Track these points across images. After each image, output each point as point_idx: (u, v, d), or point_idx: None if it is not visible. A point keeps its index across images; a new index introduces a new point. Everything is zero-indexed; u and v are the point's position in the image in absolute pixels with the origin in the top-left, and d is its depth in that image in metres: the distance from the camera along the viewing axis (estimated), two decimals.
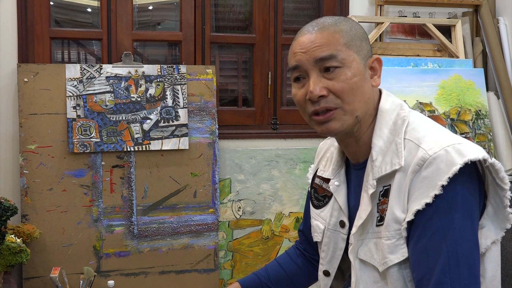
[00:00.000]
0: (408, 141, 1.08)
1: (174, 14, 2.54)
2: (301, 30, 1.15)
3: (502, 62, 2.61)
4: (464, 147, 1.02)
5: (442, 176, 0.99)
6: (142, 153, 2.26)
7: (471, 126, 2.47)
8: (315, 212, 1.31)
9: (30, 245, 2.08)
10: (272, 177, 2.49)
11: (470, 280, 0.98)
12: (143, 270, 2.26)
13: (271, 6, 2.54)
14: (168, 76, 2.29)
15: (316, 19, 1.16)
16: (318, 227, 1.29)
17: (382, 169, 1.08)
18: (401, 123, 1.11)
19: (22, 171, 2.13)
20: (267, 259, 2.48)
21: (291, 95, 1.18)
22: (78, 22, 2.46)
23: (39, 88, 2.15)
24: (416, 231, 1.02)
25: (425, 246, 1.01)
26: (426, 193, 1.00)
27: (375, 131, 1.13)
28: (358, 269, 1.13)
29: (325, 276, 1.27)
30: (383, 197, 1.09)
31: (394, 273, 1.06)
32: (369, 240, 1.12)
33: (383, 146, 1.11)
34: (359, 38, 1.12)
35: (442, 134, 1.07)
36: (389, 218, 1.06)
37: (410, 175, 1.03)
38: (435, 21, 2.61)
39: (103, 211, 2.21)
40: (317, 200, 1.31)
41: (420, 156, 1.03)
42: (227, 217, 2.43)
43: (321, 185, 1.30)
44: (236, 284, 1.38)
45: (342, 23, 1.12)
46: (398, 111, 1.13)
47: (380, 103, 1.15)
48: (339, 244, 1.23)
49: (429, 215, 1.01)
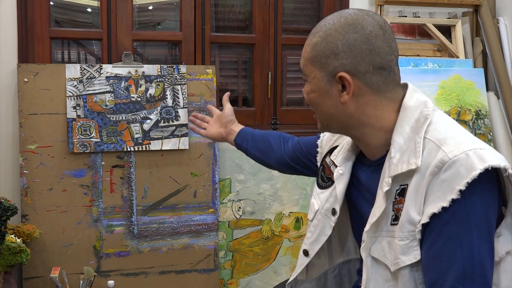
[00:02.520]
0: (428, 141, 1.05)
1: (174, 14, 2.54)
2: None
3: (502, 62, 2.61)
4: (486, 153, 0.99)
5: (461, 180, 0.97)
6: (142, 153, 2.26)
7: (471, 126, 2.47)
8: (316, 191, 1.31)
9: (30, 245, 2.08)
10: (272, 177, 2.49)
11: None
12: (143, 270, 2.26)
13: (271, 6, 2.54)
14: (168, 76, 2.29)
15: (323, 18, 1.16)
16: (313, 206, 1.29)
17: (398, 167, 1.06)
18: (423, 121, 1.08)
19: (22, 171, 2.13)
20: (267, 259, 2.48)
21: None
22: (78, 22, 2.46)
23: (39, 88, 2.15)
24: (431, 235, 1.01)
25: (439, 251, 0.99)
26: (443, 196, 0.98)
27: (396, 127, 1.10)
28: (370, 267, 1.12)
29: (304, 255, 1.28)
30: (400, 196, 1.07)
31: (406, 274, 1.04)
32: (382, 238, 1.10)
33: (402, 144, 1.08)
34: (325, 55, 1.10)
35: (464, 137, 1.05)
36: (404, 218, 1.05)
37: (428, 177, 1.01)
38: (435, 21, 2.61)
39: (103, 211, 2.22)
40: (322, 180, 1.31)
41: (439, 158, 1.00)
42: (227, 217, 2.43)
43: (329, 166, 1.30)
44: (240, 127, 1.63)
45: (318, 34, 1.12)
46: (422, 108, 1.10)
47: (404, 99, 1.12)
48: (326, 230, 1.23)
49: (445, 220, 0.99)
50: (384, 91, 1.11)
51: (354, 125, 1.14)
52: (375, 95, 1.11)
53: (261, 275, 2.48)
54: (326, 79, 1.11)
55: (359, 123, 1.13)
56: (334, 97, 1.11)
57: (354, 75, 1.09)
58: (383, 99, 1.12)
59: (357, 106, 1.11)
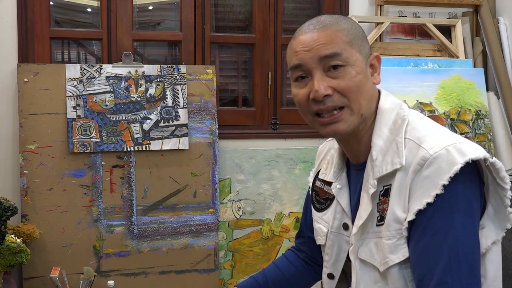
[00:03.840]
0: (408, 141, 1.08)
1: (174, 14, 2.54)
2: (300, 29, 1.14)
3: (502, 62, 2.61)
4: (465, 146, 1.02)
5: (443, 175, 0.99)
6: (142, 153, 2.26)
7: (471, 126, 2.47)
8: (317, 215, 1.30)
9: (30, 245, 2.08)
10: (272, 177, 2.49)
11: (471, 280, 0.98)
12: (143, 270, 2.26)
13: (271, 6, 2.54)
14: (168, 76, 2.29)
15: (315, 18, 1.15)
16: (321, 230, 1.28)
17: (382, 168, 1.08)
18: (401, 122, 1.11)
19: (22, 171, 2.13)
20: (267, 259, 2.48)
21: (292, 95, 1.16)
22: (78, 22, 2.46)
23: (39, 88, 2.15)
24: (417, 231, 1.02)
25: (426, 246, 1.01)
26: (427, 192, 1.00)
27: (375, 130, 1.12)
28: (359, 269, 1.13)
29: (329, 279, 1.27)
30: (384, 197, 1.09)
31: (395, 273, 1.06)
32: (369, 240, 1.11)
33: (383, 146, 1.10)
34: (360, 37, 1.13)
35: (442, 134, 1.07)
36: (390, 218, 1.06)
37: (411, 175, 1.03)
38: (435, 21, 2.61)
39: (103, 211, 2.22)
40: (319, 203, 1.31)
41: (421, 155, 1.02)
42: (227, 217, 2.43)
43: (322, 188, 1.30)
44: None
45: (343, 22, 1.12)
46: (398, 110, 1.13)
47: (380, 102, 1.15)
48: (343, 246, 1.22)
49: (430, 215, 1.00)
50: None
51: (372, 113, 1.15)
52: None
53: None
54: (364, 61, 1.12)
55: (373, 111, 1.15)
56: (370, 79, 1.14)
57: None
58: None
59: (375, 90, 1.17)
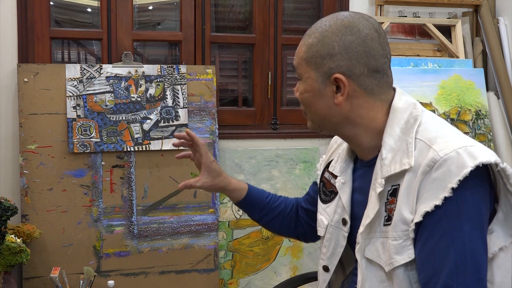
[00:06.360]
0: (419, 141, 1.07)
1: (174, 14, 2.54)
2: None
3: (502, 62, 2.61)
4: (476, 150, 1.01)
5: (453, 178, 0.98)
6: (142, 153, 2.26)
7: (471, 126, 2.47)
8: (322, 207, 1.32)
9: (30, 245, 2.08)
10: (272, 177, 2.49)
11: (477, 285, 0.98)
12: (143, 270, 2.26)
13: (271, 6, 2.54)
14: (168, 76, 2.29)
15: (319, 20, 1.18)
16: (322, 222, 1.29)
17: (391, 168, 1.07)
18: (413, 122, 1.10)
19: (22, 171, 2.13)
20: (267, 259, 2.48)
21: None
22: (78, 22, 2.46)
23: (39, 88, 2.15)
24: (424, 233, 1.02)
25: (432, 249, 1.00)
26: (435, 195, 0.99)
27: (386, 129, 1.12)
28: (365, 268, 1.13)
29: (324, 271, 1.28)
30: (392, 197, 1.08)
31: (400, 274, 1.05)
32: (376, 239, 1.11)
33: (393, 145, 1.09)
34: (322, 55, 1.11)
35: (454, 136, 1.06)
36: (397, 218, 1.05)
37: (420, 176, 1.02)
38: (435, 21, 2.61)
39: (103, 211, 2.22)
40: (325, 194, 1.32)
41: (430, 157, 1.01)
42: (227, 217, 2.43)
43: (329, 180, 1.31)
44: (244, 185, 1.46)
45: (313, 35, 1.13)
46: (411, 110, 1.12)
47: (393, 101, 1.14)
48: (340, 241, 1.24)
49: (437, 218, 1.00)
50: (377, 93, 1.13)
51: (346, 126, 1.15)
52: (369, 97, 1.12)
53: (261, 275, 2.48)
54: (320, 80, 1.12)
55: (352, 124, 1.14)
56: (327, 98, 1.13)
57: (349, 76, 1.10)
58: (376, 101, 1.13)
59: (351, 107, 1.13)
